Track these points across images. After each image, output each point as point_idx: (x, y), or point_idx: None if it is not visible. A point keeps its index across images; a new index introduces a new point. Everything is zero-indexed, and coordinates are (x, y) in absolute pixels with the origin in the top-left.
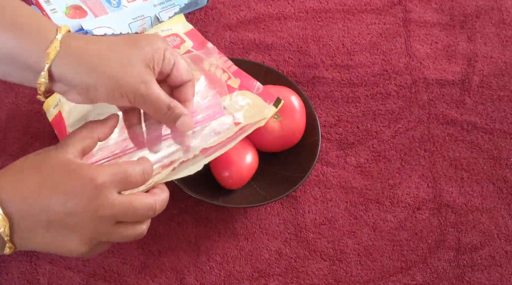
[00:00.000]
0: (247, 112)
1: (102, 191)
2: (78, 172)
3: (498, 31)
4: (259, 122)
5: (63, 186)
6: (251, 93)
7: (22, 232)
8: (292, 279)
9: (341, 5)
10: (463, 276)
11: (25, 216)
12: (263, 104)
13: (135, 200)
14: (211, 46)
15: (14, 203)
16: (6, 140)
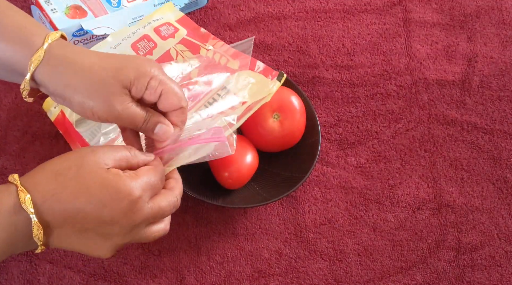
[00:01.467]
0: (251, 90)
1: (138, 203)
2: (115, 183)
3: (498, 31)
4: (265, 98)
5: (100, 196)
6: (252, 71)
7: (56, 236)
8: (292, 279)
9: (341, 5)
10: (463, 276)
11: (61, 224)
12: (266, 80)
13: (162, 202)
14: (204, 31)
15: (50, 209)
16: (6, 140)
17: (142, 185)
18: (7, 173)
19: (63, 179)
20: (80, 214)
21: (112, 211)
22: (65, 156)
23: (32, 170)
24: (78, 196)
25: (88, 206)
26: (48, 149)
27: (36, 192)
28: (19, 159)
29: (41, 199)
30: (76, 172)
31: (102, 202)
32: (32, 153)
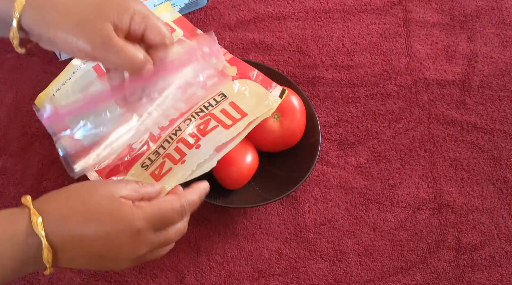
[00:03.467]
0: (248, 100)
1: (141, 233)
2: (120, 212)
3: (498, 31)
4: (265, 113)
5: (107, 224)
6: (250, 80)
7: (66, 259)
8: (292, 279)
9: (341, 5)
10: (463, 276)
11: (69, 247)
12: (264, 92)
13: (169, 232)
14: (200, 32)
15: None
16: (6, 140)
17: (148, 217)
18: (7, 173)
19: (74, 203)
20: (87, 241)
21: (118, 240)
22: (81, 182)
23: (45, 196)
24: (87, 222)
25: (95, 233)
26: (48, 150)
27: (47, 215)
28: (19, 159)
29: (52, 222)
30: (87, 197)
31: (108, 230)
32: (32, 153)
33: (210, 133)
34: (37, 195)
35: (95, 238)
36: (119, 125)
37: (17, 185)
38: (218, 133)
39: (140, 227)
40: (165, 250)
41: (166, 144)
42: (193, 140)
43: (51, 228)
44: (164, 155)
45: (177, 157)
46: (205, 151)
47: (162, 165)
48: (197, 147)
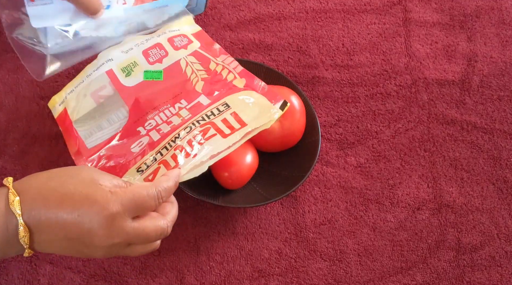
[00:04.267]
0: (251, 110)
1: (115, 219)
2: (94, 196)
3: (498, 31)
4: (265, 124)
5: (81, 207)
6: (256, 92)
7: (43, 241)
8: (292, 279)
9: (341, 5)
10: (463, 276)
11: (45, 229)
12: (268, 104)
13: (148, 226)
14: (217, 47)
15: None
16: (6, 141)
17: (123, 201)
18: (7, 174)
19: (53, 184)
20: (61, 222)
21: (90, 223)
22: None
23: (30, 175)
24: (62, 204)
25: (69, 215)
26: (48, 151)
27: (25, 195)
28: (19, 161)
29: (29, 202)
30: (67, 179)
31: (81, 213)
32: (32, 155)
33: (207, 142)
34: None
35: (69, 221)
36: None
37: None
38: (215, 142)
39: (114, 210)
40: (146, 249)
41: (164, 150)
42: (191, 149)
43: (28, 207)
44: (160, 161)
45: (172, 164)
46: (199, 158)
47: (157, 171)
48: (193, 156)
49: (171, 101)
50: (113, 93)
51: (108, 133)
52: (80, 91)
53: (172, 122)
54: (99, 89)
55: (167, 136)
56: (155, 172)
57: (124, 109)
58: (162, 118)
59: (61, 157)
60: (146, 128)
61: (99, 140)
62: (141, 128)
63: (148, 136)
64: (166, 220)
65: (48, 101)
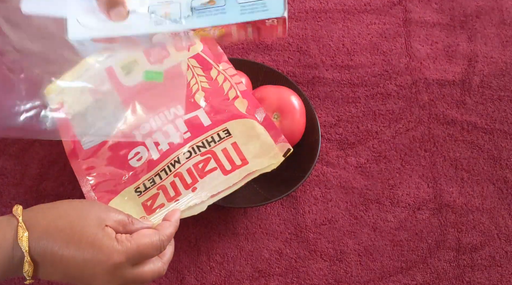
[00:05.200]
0: (252, 145)
1: (118, 268)
2: (100, 244)
3: (498, 31)
4: (266, 168)
5: (86, 252)
6: (258, 124)
7: (44, 273)
8: (292, 279)
9: (341, 5)
10: (463, 276)
11: (49, 265)
12: (270, 144)
13: (145, 271)
14: (220, 51)
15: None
16: (6, 140)
17: (128, 253)
18: (6, 173)
19: (61, 223)
20: (66, 262)
21: (94, 269)
22: (73, 201)
23: (36, 208)
24: (68, 246)
25: (74, 258)
26: (48, 150)
27: (33, 231)
28: (19, 160)
29: (36, 239)
30: (75, 220)
31: (86, 258)
32: (31, 154)
33: (208, 176)
34: (36, 196)
35: (73, 262)
36: None
37: (17, 186)
38: (215, 178)
39: (118, 261)
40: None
41: (164, 174)
42: (190, 180)
43: (35, 243)
44: (159, 186)
45: (172, 194)
46: (200, 196)
47: (156, 197)
48: (193, 190)
49: (167, 105)
50: (111, 90)
51: (104, 135)
52: (78, 85)
53: (170, 138)
54: (97, 86)
55: (166, 157)
56: (153, 198)
57: (122, 109)
58: (157, 122)
59: (61, 157)
60: (141, 132)
61: (94, 142)
62: (136, 131)
63: (146, 148)
64: (162, 263)
65: None
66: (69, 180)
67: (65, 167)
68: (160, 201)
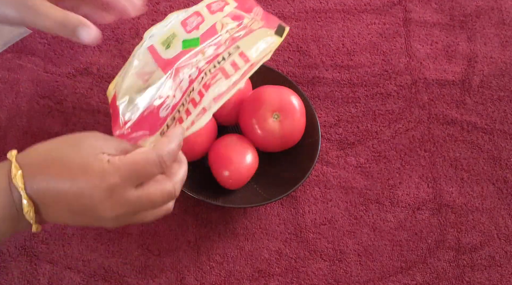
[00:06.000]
0: (255, 45)
1: (115, 190)
2: (92, 167)
3: (498, 31)
4: (265, 56)
5: (78, 181)
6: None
7: (49, 214)
8: (292, 279)
9: (341, 5)
10: (463, 276)
11: (49, 202)
12: (264, 31)
13: (152, 192)
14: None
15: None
16: (6, 140)
17: (121, 172)
18: None
19: (54, 155)
20: (63, 196)
21: (91, 197)
22: (70, 135)
23: (32, 146)
24: (61, 175)
25: (69, 188)
26: None
27: (28, 168)
28: None
29: (31, 175)
30: (67, 150)
31: (81, 187)
32: None
33: (213, 85)
34: None
35: (70, 194)
36: None
37: None
38: (218, 84)
39: (112, 182)
40: (157, 214)
41: (181, 107)
42: (199, 98)
43: (30, 180)
44: (177, 119)
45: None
46: (202, 105)
47: None
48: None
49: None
50: (155, 69)
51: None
52: (126, 70)
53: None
54: (143, 67)
55: (184, 93)
56: None
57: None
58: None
59: None
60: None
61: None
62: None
63: (174, 96)
64: (173, 182)
65: (48, 100)
66: None
67: None
68: None
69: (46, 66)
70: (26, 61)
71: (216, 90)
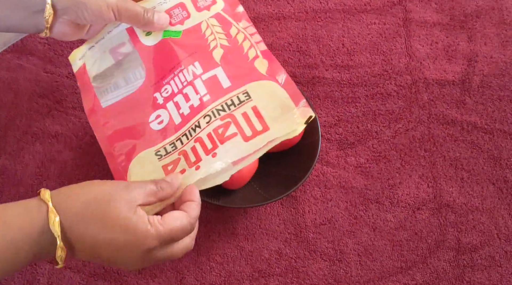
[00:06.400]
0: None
1: (151, 252)
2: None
3: (498, 31)
4: (288, 134)
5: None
6: (279, 86)
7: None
8: (292, 279)
9: (341, 5)
10: (463, 276)
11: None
12: (291, 107)
13: (175, 250)
14: (241, 10)
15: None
16: (6, 139)
17: (161, 238)
18: (7, 172)
19: (93, 209)
20: (98, 247)
21: (127, 253)
22: (100, 186)
23: (64, 191)
24: (102, 232)
25: (108, 243)
26: (48, 149)
27: (65, 216)
28: (19, 159)
29: (69, 223)
30: (106, 207)
31: (120, 243)
32: (32, 153)
33: (228, 142)
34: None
35: (107, 247)
36: None
37: (17, 185)
38: (236, 145)
39: (152, 246)
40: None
41: (185, 139)
42: (211, 145)
43: (67, 228)
44: (180, 151)
45: (193, 159)
46: (220, 163)
47: (177, 162)
48: (213, 155)
49: (185, 60)
50: (131, 50)
51: (124, 93)
52: (100, 47)
53: (191, 101)
54: (118, 46)
55: (187, 121)
56: (175, 163)
57: (142, 69)
58: (178, 85)
59: (61, 156)
60: (163, 95)
61: (113, 99)
62: (158, 94)
63: (168, 112)
64: (191, 238)
65: (47, 99)
66: (69, 179)
67: (65, 166)
68: (181, 166)
69: (45, 66)
70: (26, 61)
71: (234, 150)
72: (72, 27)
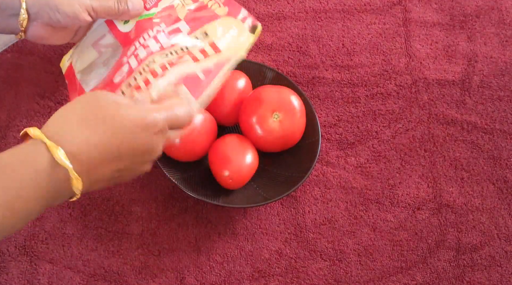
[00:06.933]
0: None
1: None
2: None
3: (498, 31)
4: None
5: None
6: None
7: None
8: (292, 279)
9: (341, 5)
10: (463, 276)
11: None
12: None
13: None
14: None
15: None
16: (7, 139)
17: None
18: None
19: (91, 124)
20: (116, 154)
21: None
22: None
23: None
24: (113, 137)
25: (123, 144)
26: None
27: (68, 144)
28: None
29: (76, 150)
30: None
31: (134, 136)
32: None
33: (177, 65)
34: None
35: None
36: None
37: None
38: (185, 65)
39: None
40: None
41: (138, 75)
42: (160, 71)
43: (76, 155)
44: (134, 86)
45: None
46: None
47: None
48: (162, 76)
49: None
50: (113, 41)
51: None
52: (83, 44)
53: (149, 46)
54: (99, 39)
55: (143, 61)
56: None
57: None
58: (141, 42)
59: None
60: (128, 55)
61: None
62: (125, 57)
63: (128, 63)
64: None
65: (47, 100)
66: None
67: None
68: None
69: (46, 66)
70: (26, 61)
71: (182, 67)
72: (48, 29)
